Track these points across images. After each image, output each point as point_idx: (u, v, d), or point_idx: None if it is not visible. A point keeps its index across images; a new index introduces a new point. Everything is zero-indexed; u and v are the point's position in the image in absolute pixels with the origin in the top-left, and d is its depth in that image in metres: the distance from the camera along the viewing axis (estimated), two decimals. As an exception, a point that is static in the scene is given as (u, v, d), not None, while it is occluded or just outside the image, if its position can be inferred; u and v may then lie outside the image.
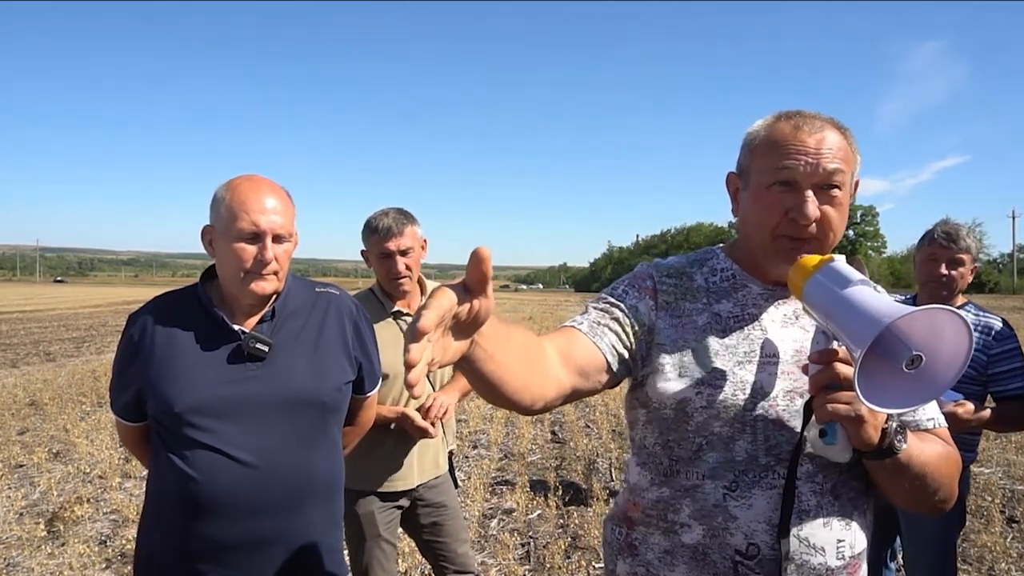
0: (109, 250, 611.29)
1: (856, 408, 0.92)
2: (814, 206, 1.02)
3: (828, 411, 0.93)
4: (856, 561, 1.09)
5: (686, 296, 1.12)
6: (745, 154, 1.12)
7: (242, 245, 1.39)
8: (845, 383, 0.93)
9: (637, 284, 1.14)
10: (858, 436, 0.94)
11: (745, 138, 1.13)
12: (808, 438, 1.01)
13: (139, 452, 1.59)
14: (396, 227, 2.12)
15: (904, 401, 0.89)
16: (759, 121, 1.12)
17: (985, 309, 2.42)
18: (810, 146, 1.03)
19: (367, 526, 2.15)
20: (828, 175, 1.02)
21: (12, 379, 9.53)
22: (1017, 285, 68.66)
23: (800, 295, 1.01)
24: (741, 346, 1.08)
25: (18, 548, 3.75)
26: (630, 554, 1.15)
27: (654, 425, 1.12)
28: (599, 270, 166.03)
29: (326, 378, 1.51)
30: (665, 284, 1.13)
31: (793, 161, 1.03)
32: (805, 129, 1.04)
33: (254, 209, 1.39)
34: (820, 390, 0.95)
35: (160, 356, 1.41)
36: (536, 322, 24.54)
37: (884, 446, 0.96)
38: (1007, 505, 4.54)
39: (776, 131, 1.06)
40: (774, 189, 1.05)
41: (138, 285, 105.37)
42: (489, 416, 7.38)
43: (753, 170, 1.09)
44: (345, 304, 1.61)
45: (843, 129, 1.07)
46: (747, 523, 1.04)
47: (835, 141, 1.04)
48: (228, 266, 1.42)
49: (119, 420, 1.54)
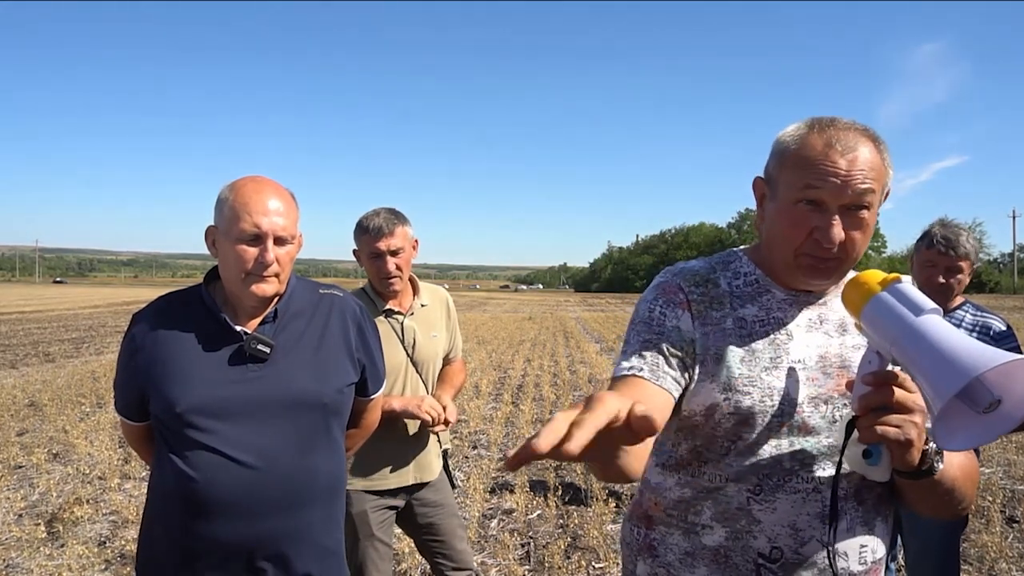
0: (109, 251, 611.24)
1: (906, 432, 0.91)
2: (839, 229, 1.00)
3: (877, 433, 0.92)
4: (877, 566, 1.09)
5: (713, 304, 1.10)
6: (774, 163, 1.09)
7: (243, 247, 1.39)
8: (898, 407, 0.92)
9: (672, 300, 1.11)
10: (902, 459, 0.94)
11: (775, 145, 1.09)
12: (847, 456, 1.00)
13: (143, 451, 1.60)
14: (387, 227, 2.13)
15: (971, 439, 0.87)
16: (791, 127, 1.08)
17: (985, 309, 2.42)
18: (841, 167, 0.99)
19: (360, 525, 2.14)
20: (857, 196, 1.00)
21: (11, 380, 9.52)
22: (1017, 285, 68.66)
23: (858, 313, 0.98)
24: (767, 351, 1.07)
25: (17, 549, 3.74)
26: (650, 555, 1.15)
27: (684, 432, 1.12)
28: (599, 270, 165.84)
29: (328, 380, 1.50)
30: (695, 294, 1.11)
31: (822, 182, 1.00)
32: (837, 148, 1.00)
33: (256, 211, 1.38)
34: (869, 411, 0.94)
35: (162, 356, 1.42)
36: (536, 322, 24.54)
37: (923, 468, 0.96)
38: (1007, 505, 4.54)
39: (808, 147, 1.03)
40: (801, 207, 1.02)
41: (138, 286, 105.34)
42: (489, 416, 7.38)
43: (781, 183, 1.06)
44: (348, 306, 1.61)
45: (877, 142, 1.04)
46: (771, 527, 1.04)
47: (867, 159, 1.01)
48: (230, 267, 1.42)
49: (123, 419, 1.55)
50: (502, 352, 14.05)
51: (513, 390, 9.09)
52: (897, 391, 0.93)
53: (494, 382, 9.82)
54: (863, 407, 0.95)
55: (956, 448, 0.88)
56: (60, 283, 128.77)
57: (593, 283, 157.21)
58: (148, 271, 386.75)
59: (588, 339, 17.67)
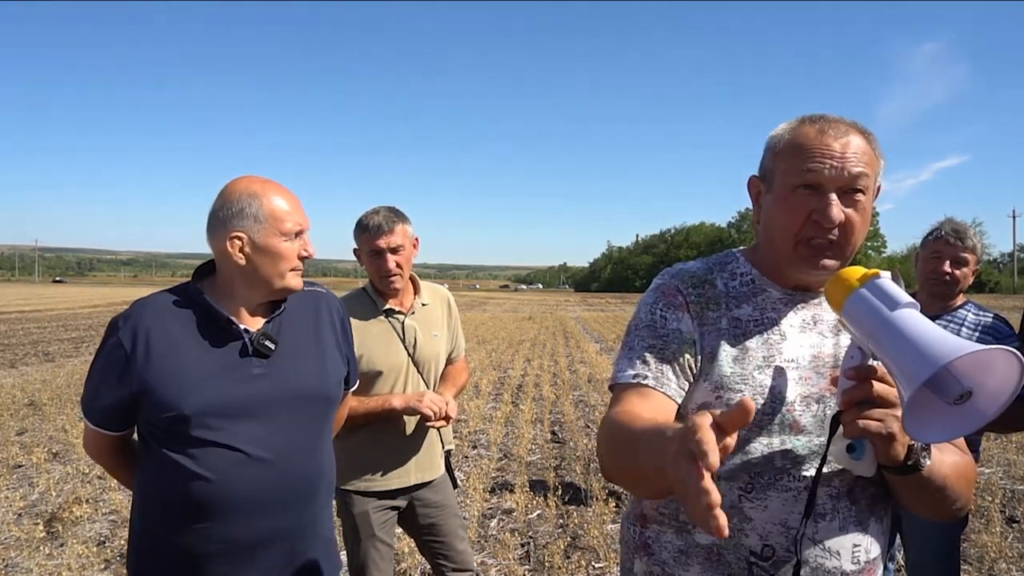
0: (108, 250, 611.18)
1: (888, 426, 0.92)
2: (838, 209, 1.02)
3: (859, 427, 0.93)
4: (871, 566, 1.09)
5: (709, 305, 1.12)
6: (768, 157, 1.11)
7: (290, 244, 1.45)
8: (879, 401, 0.93)
9: (671, 303, 1.12)
10: (886, 453, 0.95)
11: (768, 141, 1.12)
12: (832, 451, 1.01)
13: (114, 463, 1.54)
14: (387, 225, 2.12)
15: (945, 431, 0.88)
16: (782, 124, 1.11)
17: (985, 308, 2.42)
18: (835, 150, 1.02)
19: (362, 526, 2.14)
20: (853, 179, 1.02)
21: (11, 379, 9.52)
22: (1017, 285, 68.70)
23: (839, 309, 1.00)
24: (760, 351, 1.08)
25: (16, 549, 3.74)
26: (645, 553, 1.16)
27: None
28: (599, 270, 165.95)
29: (329, 374, 1.55)
30: (692, 296, 1.12)
31: (818, 164, 1.02)
32: (830, 133, 1.03)
33: (295, 209, 1.47)
34: (852, 405, 0.95)
35: (158, 358, 1.38)
36: (536, 322, 24.54)
37: (909, 462, 0.97)
38: (1007, 505, 4.54)
39: (801, 134, 1.06)
40: (799, 192, 1.04)
41: (137, 285, 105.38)
42: (489, 416, 7.38)
43: (777, 173, 1.08)
44: (333, 302, 1.66)
45: (867, 133, 1.07)
46: (762, 524, 1.05)
47: (860, 145, 1.04)
48: (274, 264, 1.45)
49: (96, 430, 1.48)
50: (502, 352, 14.05)
51: (513, 390, 9.09)
52: (877, 385, 0.94)
53: (494, 382, 9.82)
54: (846, 402, 0.96)
55: (929, 440, 0.89)
56: (60, 282, 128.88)
57: (593, 283, 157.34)
58: (148, 271, 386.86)
59: (588, 339, 17.68)
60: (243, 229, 1.42)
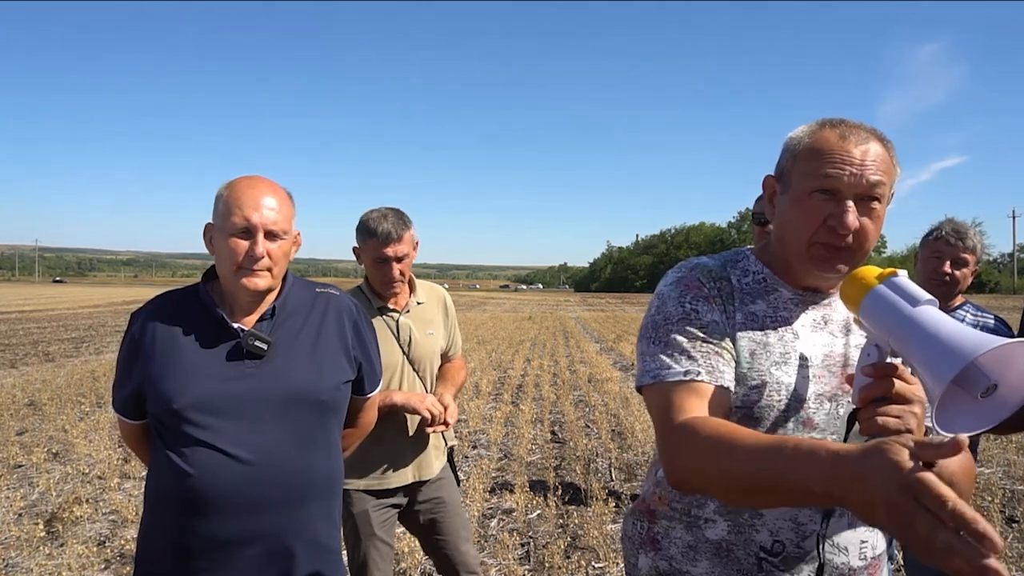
0: (108, 250, 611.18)
1: (906, 423, 0.92)
2: (854, 216, 1.02)
3: (877, 424, 0.93)
4: (876, 562, 1.10)
5: (727, 299, 1.12)
6: (787, 158, 1.11)
7: (235, 240, 1.41)
8: (897, 398, 0.94)
9: (700, 295, 1.10)
10: None
11: (787, 142, 1.12)
12: None
13: (140, 450, 1.61)
14: (396, 233, 2.09)
15: (970, 424, 0.88)
16: (802, 127, 1.11)
17: (984, 308, 2.42)
18: (855, 157, 1.02)
19: (362, 525, 2.14)
20: (871, 187, 1.02)
21: (11, 379, 9.51)
22: (1017, 285, 68.69)
23: (856, 307, 1.00)
24: (776, 347, 1.09)
25: (16, 549, 3.74)
26: (652, 548, 1.16)
27: None
28: (599, 270, 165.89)
29: (325, 376, 1.52)
30: (714, 289, 1.12)
31: (838, 170, 1.02)
32: (851, 139, 1.03)
33: (248, 205, 1.41)
34: (869, 403, 0.95)
35: (160, 353, 1.43)
36: (536, 322, 24.54)
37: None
38: (1007, 505, 4.54)
39: (821, 138, 1.05)
40: (815, 196, 1.04)
41: (137, 285, 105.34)
42: (489, 416, 7.38)
43: (795, 175, 1.08)
44: (345, 304, 1.63)
45: (886, 141, 1.07)
46: (772, 520, 1.06)
47: (879, 153, 1.04)
48: (223, 261, 1.45)
49: (120, 418, 1.55)
50: (502, 352, 14.05)
51: (513, 390, 9.09)
52: (896, 382, 0.94)
53: (494, 382, 9.82)
54: (863, 399, 0.96)
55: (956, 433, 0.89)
56: (60, 282, 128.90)
57: (593, 283, 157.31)
58: (148, 271, 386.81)
59: (588, 339, 17.68)
60: (212, 220, 1.47)
